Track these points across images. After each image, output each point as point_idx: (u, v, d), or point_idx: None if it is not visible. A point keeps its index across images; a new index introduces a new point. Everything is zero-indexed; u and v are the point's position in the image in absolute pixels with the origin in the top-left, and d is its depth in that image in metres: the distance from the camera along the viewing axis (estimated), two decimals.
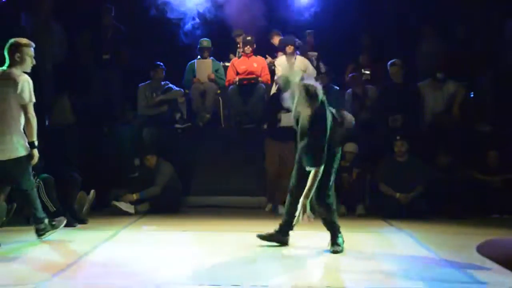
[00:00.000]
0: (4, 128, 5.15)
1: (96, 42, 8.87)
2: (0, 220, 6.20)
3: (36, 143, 5.24)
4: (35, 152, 5.23)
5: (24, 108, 5.16)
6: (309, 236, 5.84)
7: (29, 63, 5.27)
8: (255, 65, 8.86)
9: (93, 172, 7.28)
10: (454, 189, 7.31)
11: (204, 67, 8.92)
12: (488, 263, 4.32)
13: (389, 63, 8.38)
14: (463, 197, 7.33)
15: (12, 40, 5.28)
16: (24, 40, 5.30)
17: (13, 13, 8.35)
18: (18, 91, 5.11)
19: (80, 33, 9.04)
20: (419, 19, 9.33)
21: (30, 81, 5.22)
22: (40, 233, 5.38)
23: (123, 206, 7.25)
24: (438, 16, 9.32)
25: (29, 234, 5.66)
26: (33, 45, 5.33)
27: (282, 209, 7.40)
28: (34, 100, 5.22)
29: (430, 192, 7.26)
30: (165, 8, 8.01)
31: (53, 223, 5.48)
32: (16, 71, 5.19)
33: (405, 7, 9.45)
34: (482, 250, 3.27)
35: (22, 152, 5.19)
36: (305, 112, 4.66)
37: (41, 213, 5.39)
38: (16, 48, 5.22)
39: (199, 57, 9.03)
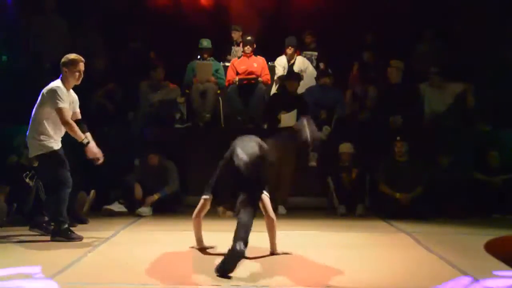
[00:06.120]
0: None
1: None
2: (0, 220, 6.22)
3: None
4: None
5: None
6: (309, 236, 5.85)
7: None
8: (255, 65, 8.85)
9: (93, 172, 7.26)
10: (454, 189, 7.31)
11: (204, 71, 8.84)
12: (490, 263, 4.36)
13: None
14: (463, 197, 7.33)
15: None
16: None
17: (15, 13, 8.36)
18: None
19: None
20: (419, 20, 9.33)
21: None
22: (55, 234, 5.37)
23: (115, 207, 7.24)
24: (437, 16, 9.31)
25: (29, 234, 5.67)
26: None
27: (282, 209, 7.42)
28: None
29: (430, 192, 7.25)
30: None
31: (71, 234, 5.39)
32: None
33: (405, 7, 9.44)
34: (490, 248, 3.28)
35: None
36: None
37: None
38: None
39: (199, 56, 9.00)
